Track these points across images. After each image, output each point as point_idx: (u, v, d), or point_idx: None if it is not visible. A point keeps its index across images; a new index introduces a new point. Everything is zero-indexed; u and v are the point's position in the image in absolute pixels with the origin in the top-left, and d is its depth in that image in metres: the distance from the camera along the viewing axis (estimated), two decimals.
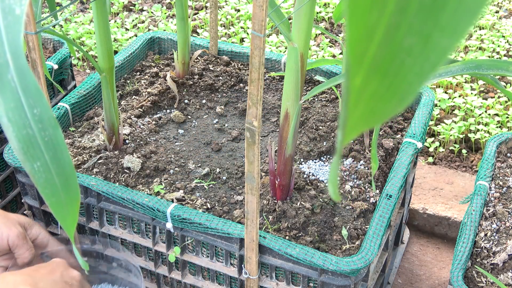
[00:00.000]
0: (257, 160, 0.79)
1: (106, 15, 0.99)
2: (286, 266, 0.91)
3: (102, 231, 1.06)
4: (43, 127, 0.46)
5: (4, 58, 0.46)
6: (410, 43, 0.26)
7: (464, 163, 1.59)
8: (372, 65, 0.26)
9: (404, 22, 0.25)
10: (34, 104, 0.45)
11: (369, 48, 0.26)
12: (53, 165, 0.47)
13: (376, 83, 0.26)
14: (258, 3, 0.66)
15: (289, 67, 0.87)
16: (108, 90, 1.05)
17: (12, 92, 0.45)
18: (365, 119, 0.27)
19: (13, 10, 0.47)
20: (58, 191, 0.47)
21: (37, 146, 0.46)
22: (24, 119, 0.46)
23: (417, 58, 0.26)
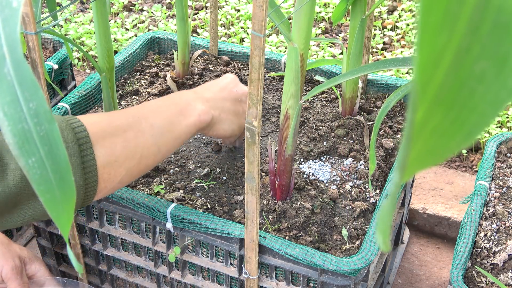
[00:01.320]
0: (257, 160, 0.79)
1: (106, 15, 0.99)
2: (286, 266, 0.91)
3: (102, 231, 1.06)
4: (38, 122, 0.45)
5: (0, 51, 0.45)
6: (482, 67, 0.22)
7: (464, 163, 1.59)
8: (437, 96, 0.23)
9: (476, 44, 0.22)
10: (30, 98, 0.45)
11: (435, 75, 0.22)
12: (48, 161, 0.46)
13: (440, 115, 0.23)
14: (258, 3, 0.66)
15: (289, 67, 0.87)
16: (108, 90, 1.05)
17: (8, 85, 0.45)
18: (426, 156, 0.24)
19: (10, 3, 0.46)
20: (53, 188, 0.46)
21: (32, 141, 0.45)
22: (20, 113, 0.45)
23: (490, 85, 0.22)
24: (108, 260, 1.11)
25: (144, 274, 1.11)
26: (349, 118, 1.14)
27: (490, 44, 0.22)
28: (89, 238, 1.09)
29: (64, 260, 1.21)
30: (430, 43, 0.22)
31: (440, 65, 0.22)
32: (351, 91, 1.13)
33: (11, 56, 0.45)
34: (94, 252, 1.11)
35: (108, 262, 1.11)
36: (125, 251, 1.09)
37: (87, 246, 1.11)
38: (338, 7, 1.03)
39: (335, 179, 1.04)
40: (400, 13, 2.17)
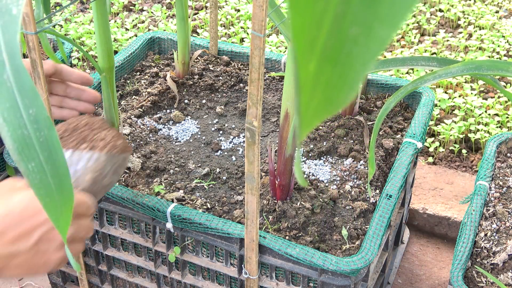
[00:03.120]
0: (257, 160, 0.79)
1: (106, 15, 0.99)
2: (286, 266, 0.91)
3: (102, 231, 1.06)
4: (38, 128, 0.46)
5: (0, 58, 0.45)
6: (355, 32, 0.26)
7: (464, 163, 1.59)
8: (324, 53, 0.27)
9: (349, 12, 0.26)
10: (29, 104, 0.45)
11: (318, 36, 0.27)
12: (48, 166, 0.46)
13: (329, 70, 0.27)
14: (258, 3, 0.66)
15: (289, 67, 0.87)
16: (108, 90, 1.05)
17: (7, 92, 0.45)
18: (323, 108, 0.28)
19: (10, 10, 0.47)
20: (52, 191, 0.47)
21: (32, 147, 0.46)
22: (20, 119, 0.45)
23: (361, 47, 0.27)
24: (108, 260, 1.11)
25: (144, 274, 1.11)
26: (349, 118, 1.14)
27: (359, 14, 0.26)
28: (89, 238, 1.09)
29: None
30: (306, 9, 0.26)
31: (322, 27, 0.26)
32: None
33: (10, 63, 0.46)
34: (94, 252, 1.11)
35: (108, 262, 1.11)
36: (125, 251, 1.09)
37: (87, 246, 1.11)
38: None
39: (335, 179, 1.04)
40: None
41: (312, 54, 0.27)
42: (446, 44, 2.00)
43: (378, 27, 0.26)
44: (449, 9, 2.20)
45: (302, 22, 0.26)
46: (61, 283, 1.24)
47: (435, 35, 2.06)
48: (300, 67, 0.27)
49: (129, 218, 1.03)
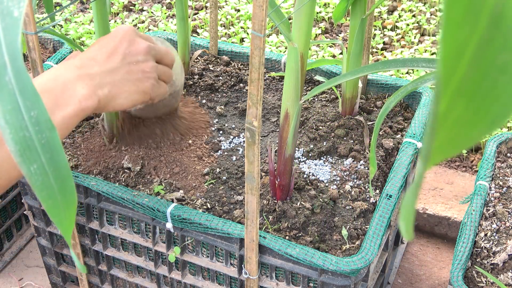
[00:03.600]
0: (257, 160, 0.79)
1: (106, 15, 0.99)
2: (286, 266, 0.91)
3: (102, 231, 1.06)
4: (40, 130, 0.46)
5: (1, 60, 0.46)
6: (504, 59, 0.23)
7: (464, 163, 1.59)
8: (460, 87, 0.23)
9: (498, 36, 0.23)
10: (31, 107, 0.46)
11: (458, 67, 0.23)
12: (50, 168, 0.47)
13: (463, 105, 0.24)
14: (258, 3, 0.66)
15: (289, 67, 0.87)
16: None
17: (9, 94, 0.45)
18: (449, 145, 0.25)
19: (11, 12, 0.47)
20: (54, 193, 0.47)
21: (34, 149, 0.46)
22: (21, 121, 0.46)
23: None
24: (108, 260, 1.11)
25: (144, 274, 1.11)
26: (349, 118, 1.14)
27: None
28: (89, 238, 1.09)
29: (64, 260, 1.21)
30: (453, 37, 0.22)
31: (463, 57, 0.23)
32: (351, 91, 1.13)
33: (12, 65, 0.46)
34: (94, 252, 1.11)
35: (108, 262, 1.11)
36: (125, 251, 1.09)
37: (87, 246, 1.11)
38: (339, 7, 1.03)
39: (335, 179, 1.04)
40: (400, 13, 2.17)
41: (447, 89, 0.23)
42: None
43: None
44: None
45: (448, 52, 0.22)
46: (61, 283, 1.24)
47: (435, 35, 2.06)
48: (435, 103, 0.24)
49: (129, 218, 1.03)
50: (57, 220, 0.47)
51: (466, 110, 0.24)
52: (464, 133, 0.24)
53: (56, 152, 0.47)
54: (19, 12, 0.47)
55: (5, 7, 0.47)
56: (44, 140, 0.46)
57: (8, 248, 1.39)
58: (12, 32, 0.47)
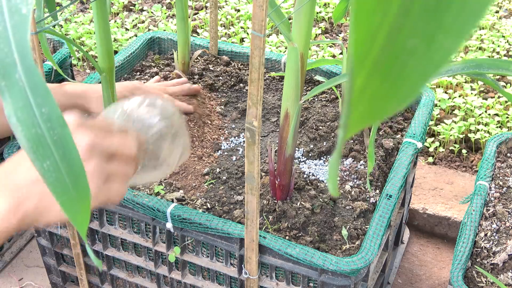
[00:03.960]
0: (257, 160, 0.79)
1: (106, 15, 0.99)
2: (286, 266, 0.91)
3: (102, 231, 1.06)
4: (51, 126, 0.46)
5: (11, 58, 0.46)
6: (413, 44, 0.25)
7: (464, 163, 1.59)
8: (374, 66, 0.26)
9: (407, 24, 0.25)
10: (42, 103, 0.46)
11: (372, 49, 0.26)
12: (63, 164, 0.47)
13: (377, 83, 0.27)
14: (258, 3, 0.66)
15: (289, 67, 0.87)
16: (108, 90, 1.05)
17: (20, 91, 0.46)
18: (365, 117, 0.28)
19: (20, 10, 0.47)
20: (68, 189, 0.47)
21: (46, 145, 0.46)
22: (33, 118, 0.46)
23: (420, 60, 0.26)
24: (108, 260, 1.11)
25: (144, 274, 1.11)
26: None
27: (420, 25, 0.25)
28: (89, 238, 1.09)
29: (64, 260, 1.21)
30: (366, 23, 0.25)
31: (376, 40, 0.25)
32: None
33: (22, 62, 0.46)
34: (94, 252, 1.11)
35: (108, 262, 1.11)
36: (125, 251, 1.09)
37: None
38: (339, 7, 1.03)
39: None
40: None
41: (363, 67, 0.26)
42: None
43: (442, 38, 0.25)
44: None
45: (360, 35, 0.25)
46: (61, 283, 1.24)
47: None
48: (350, 80, 0.27)
49: (129, 218, 1.03)
50: (71, 215, 0.47)
51: (381, 86, 0.27)
52: (378, 107, 0.27)
53: (68, 148, 0.47)
54: (27, 9, 0.47)
55: (13, 5, 0.47)
56: (56, 137, 0.46)
57: (8, 248, 1.39)
58: (21, 30, 0.47)
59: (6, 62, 0.46)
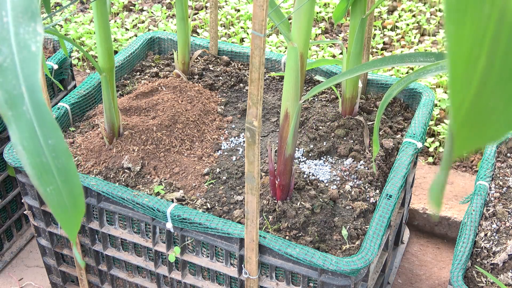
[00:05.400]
0: (257, 160, 0.79)
1: (107, 15, 0.99)
2: (286, 266, 0.91)
3: (102, 231, 1.06)
4: (56, 156, 0.50)
5: (19, 90, 0.49)
6: (494, 103, 0.31)
7: (464, 163, 1.59)
8: (466, 116, 0.32)
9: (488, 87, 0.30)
10: (49, 136, 0.49)
11: (463, 104, 0.31)
12: (64, 189, 0.51)
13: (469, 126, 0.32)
14: (258, 3, 0.66)
15: (289, 67, 0.87)
16: (108, 90, 1.05)
17: (27, 123, 0.49)
18: (465, 146, 0.33)
19: (29, 46, 0.50)
20: (67, 209, 0.51)
21: (50, 173, 0.50)
22: (38, 148, 0.49)
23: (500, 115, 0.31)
24: (108, 260, 1.11)
25: (144, 274, 1.11)
26: (349, 118, 1.14)
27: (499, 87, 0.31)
28: (89, 238, 1.09)
29: (64, 260, 1.21)
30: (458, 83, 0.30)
31: (466, 97, 0.31)
32: (351, 91, 1.13)
33: (29, 96, 0.49)
34: (94, 252, 1.11)
35: (108, 262, 1.11)
36: (125, 251, 1.09)
37: (87, 246, 1.11)
38: (339, 7, 1.03)
39: (335, 179, 1.04)
40: (400, 13, 2.17)
41: (458, 114, 0.31)
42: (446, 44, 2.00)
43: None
44: None
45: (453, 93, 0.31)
46: (61, 283, 1.24)
47: (435, 35, 2.07)
48: (451, 121, 0.32)
49: (129, 218, 1.03)
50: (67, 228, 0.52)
51: (472, 129, 0.32)
52: (474, 140, 0.33)
53: (70, 175, 0.50)
54: (37, 47, 0.50)
55: (21, 39, 0.50)
56: (60, 165, 0.50)
57: (8, 248, 1.39)
58: (30, 66, 0.49)
59: (14, 94, 0.48)
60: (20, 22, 0.50)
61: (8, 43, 0.49)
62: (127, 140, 1.09)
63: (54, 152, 0.49)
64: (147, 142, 1.09)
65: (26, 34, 0.49)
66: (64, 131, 1.18)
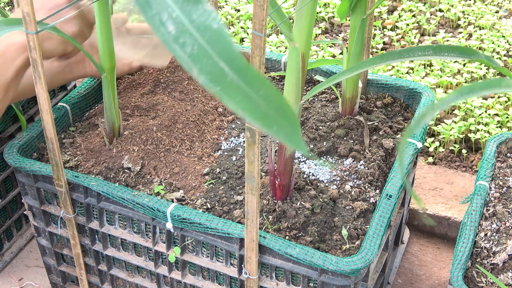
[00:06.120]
0: (257, 160, 0.79)
1: (108, 15, 0.99)
2: (286, 266, 0.91)
3: (102, 231, 1.06)
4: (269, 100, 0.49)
5: (218, 67, 0.48)
6: None
7: (464, 163, 1.59)
8: None
9: None
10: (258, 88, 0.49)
11: None
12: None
13: None
14: (258, 2, 0.66)
15: (290, 67, 0.87)
16: (109, 90, 1.05)
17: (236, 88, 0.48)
18: None
19: (210, 26, 0.49)
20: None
21: (271, 117, 0.49)
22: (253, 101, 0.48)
23: None
24: (108, 260, 1.11)
25: (144, 274, 1.11)
26: (349, 118, 1.14)
27: None
28: (89, 238, 1.09)
29: (64, 260, 1.21)
30: None
31: None
32: (351, 91, 1.13)
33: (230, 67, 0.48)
34: (94, 252, 1.11)
35: (108, 262, 1.11)
36: (125, 251, 1.09)
37: (87, 246, 1.11)
38: (342, 5, 1.03)
39: (335, 179, 1.04)
40: (400, 13, 2.17)
41: None
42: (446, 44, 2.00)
43: None
44: (449, 9, 2.20)
45: None
46: (61, 283, 1.24)
47: (435, 35, 2.07)
48: None
49: (129, 218, 1.03)
50: (287, 139, 0.50)
51: None
52: None
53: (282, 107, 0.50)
54: (218, 24, 0.49)
55: (201, 23, 0.49)
56: (275, 106, 0.50)
57: (8, 248, 1.39)
58: (220, 41, 0.49)
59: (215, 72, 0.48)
60: (189, 9, 0.50)
61: (188, 33, 0.49)
62: (127, 140, 1.09)
63: (268, 98, 0.49)
64: (147, 142, 1.09)
65: (201, 17, 0.49)
66: (64, 131, 1.18)
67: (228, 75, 0.48)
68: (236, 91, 0.48)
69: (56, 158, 0.95)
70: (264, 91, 0.49)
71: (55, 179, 0.99)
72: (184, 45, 0.49)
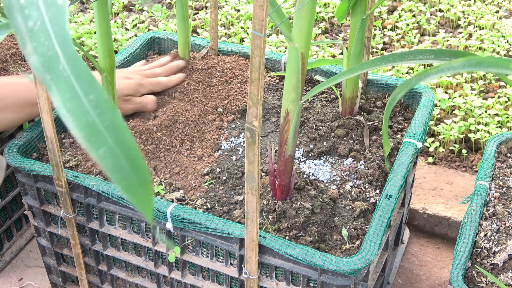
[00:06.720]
0: (257, 160, 0.79)
1: (108, 15, 0.99)
2: (286, 266, 0.91)
3: (102, 231, 1.06)
4: (101, 112, 0.46)
5: (53, 50, 0.46)
6: None
7: (464, 163, 1.59)
8: None
9: None
10: (88, 90, 0.46)
11: None
12: (118, 148, 0.47)
13: None
14: (258, 2, 0.66)
15: (289, 67, 0.87)
16: (108, 90, 1.05)
17: (66, 82, 0.46)
18: None
19: (56, 1, 0.47)
20: (128, 173, 0.47)
21: (99, 132, 0.46)
22: (82, 107, 0.46)
23: None
24: (108, 260, 1.11)
25: (144, 274, 1.11)
26: (349, 118, 1.14)
27: None
28: (89, 238, 1.09)
29: (64, 260, 1.21)
30: None
31: None
32: (351, 91, 1.13)
33: (64, 52, 0.46)
34: (94, 252, 1.11)
35: (108, 262, 1.11)
36: (125, 251, 1.09)
37: (87, 246, 1.11)
38: (341, 6, 1.03)
39: (335, 179, 1.04)
40: (400, 13, 2.17)
41: None
42: (446, 44, 2.00)
43: None
44: (449, 9, 2.20)
45: None
46: (61, 283, 1.24)
47: (435, 35, 2.07)
48: None
49: (129, 218, 1.03)
50: (135, 199, 0.47)
51: None
52: None
53: (120, 132, 0.47)
54: (63, 0, 0.47)
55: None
56: (108, 122, 0.46)
57: (8, 248, 1.39)
58: (59, 21, 0.46)
59: (49, 55, 0.46)
60: None
61: (36, 5, 0.47)
62: None
63: (98, 108, 0.46)
64: (147, 142, 1.09)
65: None
66: (64, 131, 1.18)
67: (60, 63, 0.46)
68: (66, 85, 0.46)
69: (56, 158, 0.95)
70: (95, 95, 0.46)
71: (55, 179, 0.99)
72: (28, 17, 0.46)
